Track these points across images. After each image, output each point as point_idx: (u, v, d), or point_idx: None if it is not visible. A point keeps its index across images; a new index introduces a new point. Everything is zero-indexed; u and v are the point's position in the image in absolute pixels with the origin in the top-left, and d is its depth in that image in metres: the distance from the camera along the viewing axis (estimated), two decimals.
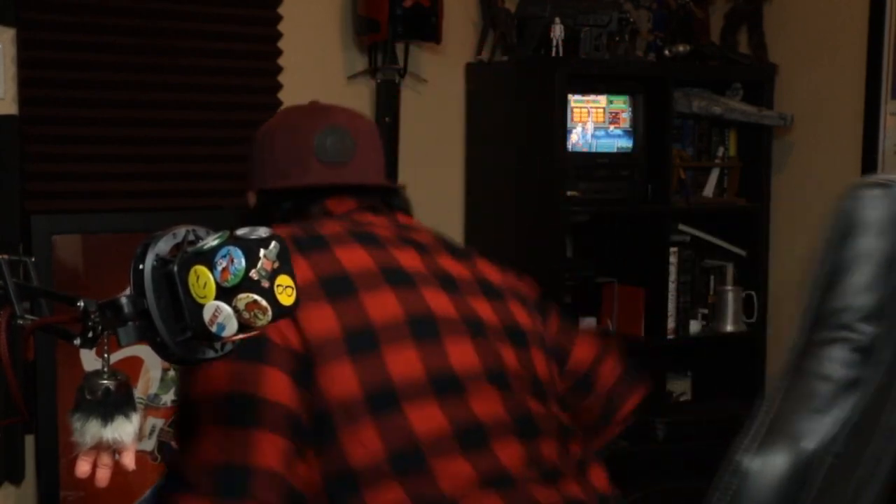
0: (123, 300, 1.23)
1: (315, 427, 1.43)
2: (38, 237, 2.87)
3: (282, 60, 3.26)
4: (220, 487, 1.41)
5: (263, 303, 1.18)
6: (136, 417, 1.29)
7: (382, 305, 1.52)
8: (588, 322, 3.68)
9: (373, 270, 1.56)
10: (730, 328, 3.74)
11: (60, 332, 1.28)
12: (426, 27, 3.36)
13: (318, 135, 1.72)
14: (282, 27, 3.26)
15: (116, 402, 1.26)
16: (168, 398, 2.95)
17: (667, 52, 3.67)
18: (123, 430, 1.26)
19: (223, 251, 1.19)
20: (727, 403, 3.61)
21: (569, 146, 3.42)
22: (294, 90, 3.28)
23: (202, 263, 1.19)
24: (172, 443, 2.87)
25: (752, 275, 3.80)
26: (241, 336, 1.21)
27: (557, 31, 3.35)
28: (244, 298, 1.18)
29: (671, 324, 3.64)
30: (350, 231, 1.61)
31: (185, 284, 1.20)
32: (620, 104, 3.54)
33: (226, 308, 1.19)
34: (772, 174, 3.82)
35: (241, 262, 1.17)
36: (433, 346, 1.53)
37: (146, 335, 1.24)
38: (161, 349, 1.24)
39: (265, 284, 1.18)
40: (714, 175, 3.83)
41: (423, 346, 1.52)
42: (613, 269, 3.66)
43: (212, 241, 1.21)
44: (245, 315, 1.18)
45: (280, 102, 3.26)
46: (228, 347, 1.26)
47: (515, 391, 1.58)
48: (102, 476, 1.30)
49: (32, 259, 1.37)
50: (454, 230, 3.65)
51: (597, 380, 1.79)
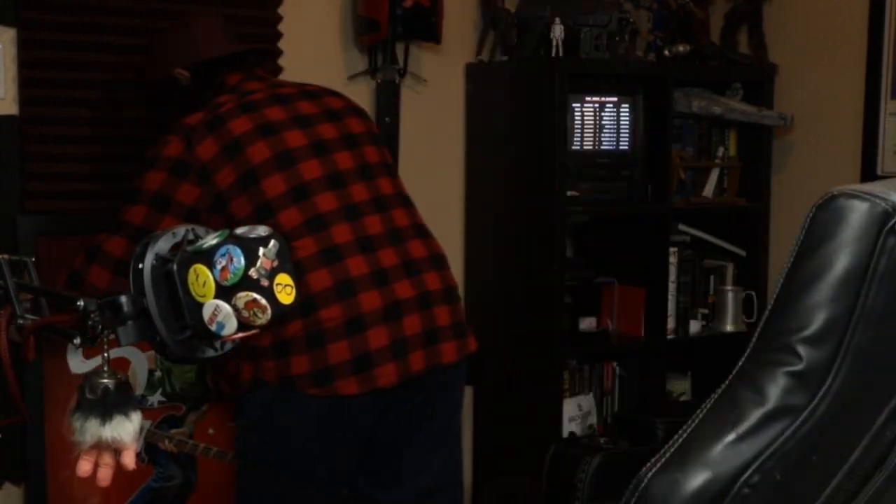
0: (123, 299, 1.23)
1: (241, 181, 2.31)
2: (24, 238, 2.85)
3: (282, 60, 3.26)
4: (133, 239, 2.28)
5: (263, 301, 1.18)
6: (137, 416, 1.29)
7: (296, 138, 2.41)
8: (588, 322, 3.69)
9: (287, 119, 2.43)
10: (730, 328, 3.75)
11: (60, 332, 1.29)
12: (426, 27, 3.36)
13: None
14: (282, 27, 3.26)
15: (116, 402, 1.26)
16: (155, 399, 2.95)
17: (667, 52, 3.67)
18: (123, 429, 1.26)
19: (222, 250, 1.19)
20: None
21: (569, 146, 3.43)
22: None
23: (201, 262, 1.20)
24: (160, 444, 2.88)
25: (752, 275, 3.80)
26: (241, 335, 1.21)
27: (557, 31, 3.35)
28: (243, 297, 1.18)
29: (671, 324, 3.64)
30: (270, 95, 2.47)
31: (185, 283, 1.20)
32: (620, 104, 3.55)
33: (225, 307, 1.19)
34: (772, 174, 3.82)
35: (241, 261, 1.18)
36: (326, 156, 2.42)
37: (146, 334, 1.24)
38: (161, 348, 1.25)
39: (264, 283, 1.18)
40: (714, 175, 3.83)
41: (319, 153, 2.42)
42: (613, 269, 3.66)
43: (211, 240, 1.21)
44: (244, 313, 1.19)
45: None
46: (228, 346, 1.26)
47: (373, 166, 2.49)
48: (104, 475, 1.30)
49: (33, 259, 1.37)
50: (454, 230, 3.65)
51: None
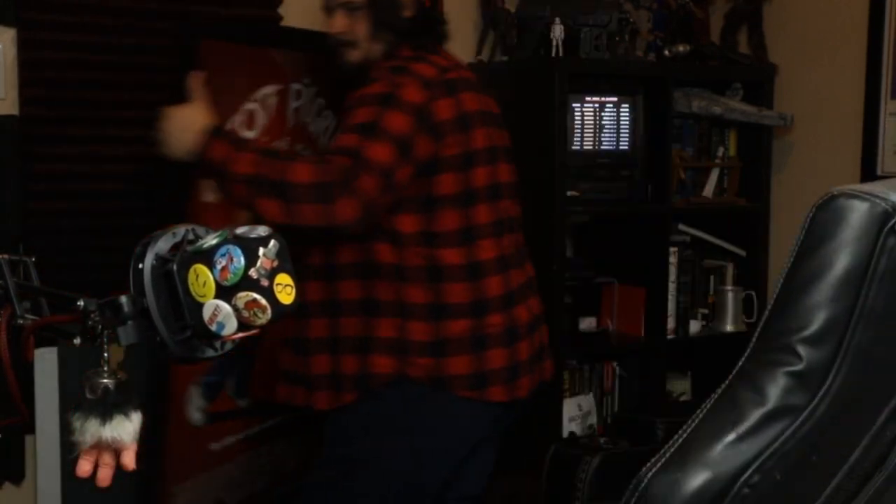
0: (123, 299, 1.23)
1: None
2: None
3: None
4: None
5: (263, 301, 1.18)
6: (137, 416, 1.29)
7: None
8: (588, 322, 3.69)
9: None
10: (730, 328, 3.75)
11: (60, 332, 1.29)
12: None
13: None
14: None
15: (116, 401, 1.26)
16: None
17: (667, 52, 3.67)
18: (123, 429, 1.26)
19: (222, 250, 1.19)
20: None
21: (569, 146, 3.42)
22: None
23: (202, 262, 1.20)
24: None
25: (752, 275, 3.80)
26: (241, 335, 1.21)
27: (557, 31, 3.35)
28: (244, 297, 1.18)
29: (671, 324, 3.64)
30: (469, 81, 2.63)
31: (185, 283, 1.20)
32: (620, 104, 3.55)
33: (225, 307, 1.19)
34: (772, 174, 3.82)
35: (241, 261, 1.18)
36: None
37: (146, 334, 1.24)
38: (161, 348, 1.25)
39: (264, 283, 1.18)
40: (714, 175, 3.83)
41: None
42: (613, 269, 3.66)
43: (211, 240, 1.21)
44: (244, 314, 1.19)
45: None
46: (228, 346, 1.26)
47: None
48: (104, 475, 1.30)
49: (32, 259, 1.37)
50: None
51: None
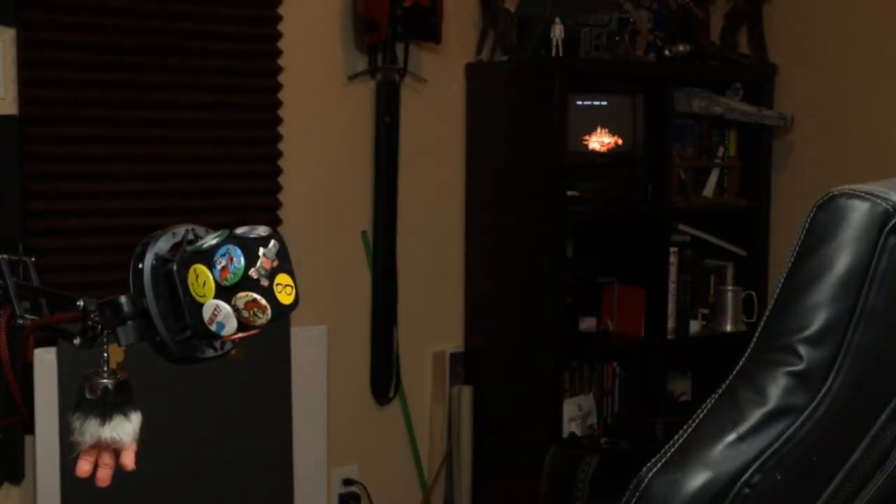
0: (123, 299, 1.23)
1: None
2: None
3: (282, 60, 3.26)
4: None
5: (263, 301, 1.18)
6: (136, 417, 1.28)
7: None
8: (588, 322, 3.68)
9: None
10: (730, 328, 3.74)
11: (60, 332, 1.28)
12: (426, 27, 3.36)
13: None
14: (282, 27, 3.26)
15: (115, 402, 1.26)
16: None
17: (667, 52, 3.67)
18: (122, 430, 1.26)
19: (222, 250, 1.19)
20: None
21: (569, 146, 3.42)
22: (294, 90, 3.28)
23: (201, 262, 1.19)
24: None
25: (752, 275, 3.80)
26: (241, 335, 1.21)
27: (557, 31, 3.35)
28: (243, 297, 1.18)
29: (671, 324, 3.64)
30: None
31: (185, 283, 1.20)
32: (620, 104, 3.54)
33: (225, 307, 1.19)
34: (772, 174, 3.82)
35: (241, 261, 1.17)
36: None
37: (146, 334, 1.24)
38: (160, 348, 1.24)
39: (264, 283, 1.18)
40: (714, 175, 3.83)
41: None
42: (613, 269, 3.66)
43: (211, 240, 1.20)
44: (244, 314, 1.18)
45: (280, 102, 3.26)
46: (228, 346, 1.26)
47: None
48: (104, 475, 1.30)
49: (32, 259, 1.37)
50: (454, 230, 3.64)
51: None
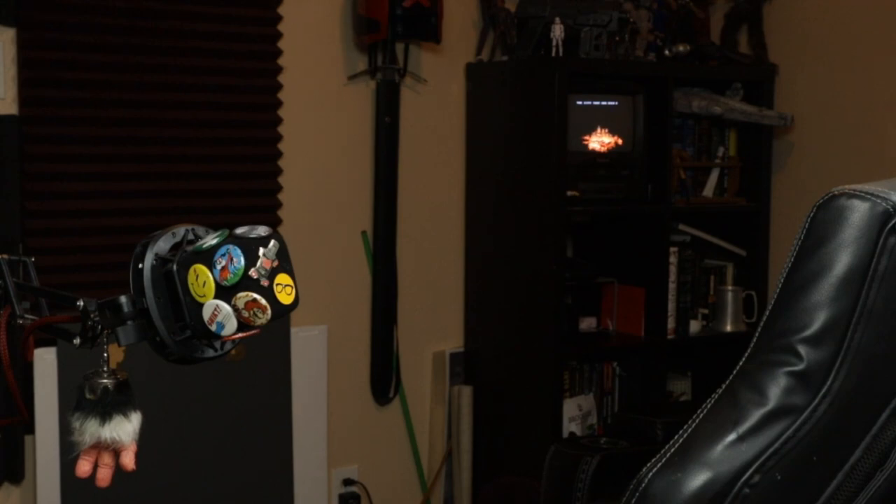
0: (123, 299, 1.23)
1: None
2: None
3: (282, 60, 3.26)
4: None
5: (263, 301, 1.18)
6: (136, 417, 1.28)
7: None
8: (588, 322, 3.69)
9: None
10: (730, 328, 3.74)
11: (60, 332, 1.28)
12: (426, 27, 3.36)
13: None
14: (282, 27, 3.26)
15: (115, 402, 1.26)
16: None
17: (667, 52, 3.67)
18: (122, 430, 1.26)
19: (222, 250, 1.19)
20: None
21: (569, 146, 3.42)
22: (294, 90, 3.28)
23: (201, 262, 1.19)
24: None
25: (752, 275, 3.80)
26: (241, 335, 1.21)
27: (557, 31, 3.35)
28: (243, 297, 1.18)
29: (671, 324, 3.64)
30: None
31: (185, 283, 1.20)
32: (620, 104, 3.54)
33: (225, 307, 1.19)
34: (772, 174, 3.82)
35: (241, 261, 1.17)
36: None
37: (146, 334, 1.24)
38: (160, 348, 1.24)
39: (264, 283, 1.18)
40: (714, 175, 3.83)
41: None
42: (613, 269, 3.66)
43: (211, 240, 1.20)
44: (244, 314, 1.18)
45: (280, 102, 3.26)
46: (228, 346, 1.26)
47: None
48: (103, 476, 1.30)
49: (32, 259, 1.37)
50: (454, 230, 3.65)
51: None
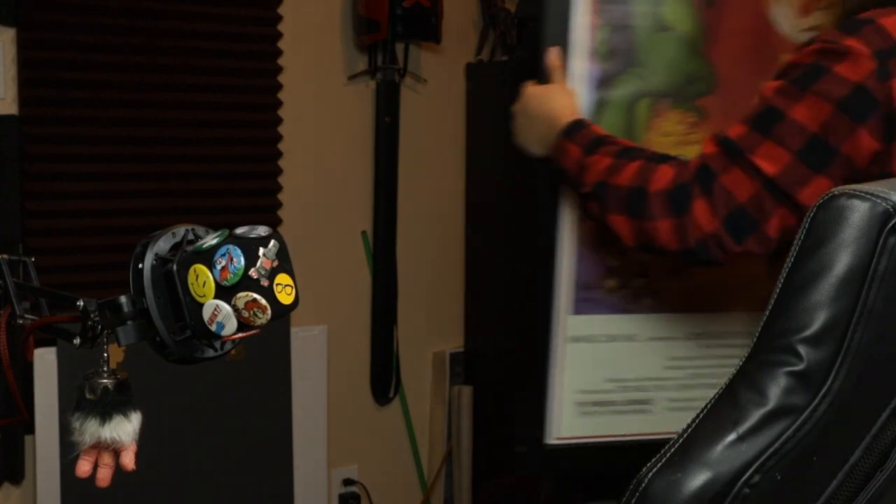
0: (123, 299, 1.23)
1: None
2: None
3: (282, 60, 3.26)
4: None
5: (263, 301, 1.18)
6: (136, 417, 1.29)
7: None
8: None
9: None
10: None
11: (60, 332, 1.29)
12: (426, 27, 3.36)
13: None
14: (282, 27, 3.26)
15: (115, 402, 1.26)
16: None
17: None
18: (122, 430, 1.26)
19: (222, 250, 1.19)
20: None
21: None
22: (294, 90, 3.28)
23: (201, 262, 1.20)
24: None
25: None
26: (241, 335, 1.21)
27: None
28: (243, 297, 1.18)
29: None
30: None
31: (185, 283, 1.20)
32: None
33: (225, 307, 1.19)
34: None
35: (241, 261, 1.17)
36: None
37: (146, 334, 1.24)
38: (160, 348, 1.25)
39: (264, 283, 1.18)
40: None
41: None
42: None
43: (211, 240, 1.21)
44: (244, 314, 1.18)
45: (280, 102, 3.26)
46: (228, 346, 1.26)
47: None
48: (103, 475, 1.30)
49: (32, 259, 1.37)
50: (454, 230, 3.65)
51: None
